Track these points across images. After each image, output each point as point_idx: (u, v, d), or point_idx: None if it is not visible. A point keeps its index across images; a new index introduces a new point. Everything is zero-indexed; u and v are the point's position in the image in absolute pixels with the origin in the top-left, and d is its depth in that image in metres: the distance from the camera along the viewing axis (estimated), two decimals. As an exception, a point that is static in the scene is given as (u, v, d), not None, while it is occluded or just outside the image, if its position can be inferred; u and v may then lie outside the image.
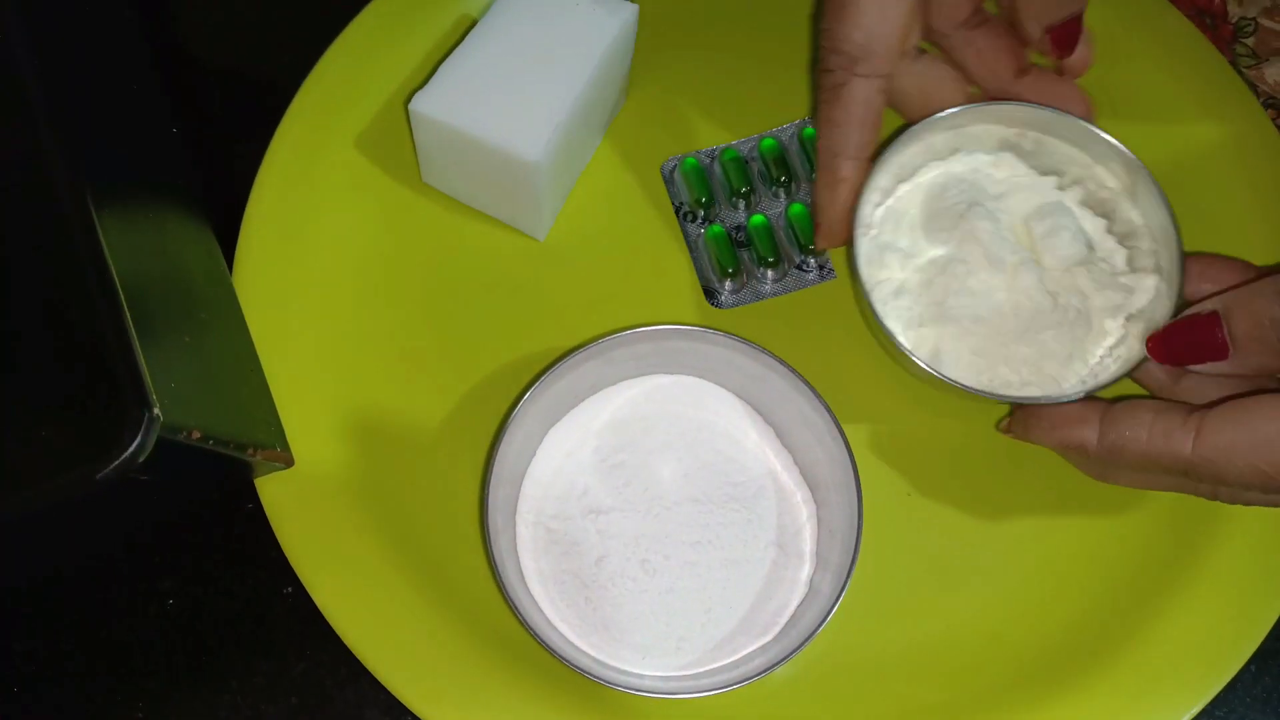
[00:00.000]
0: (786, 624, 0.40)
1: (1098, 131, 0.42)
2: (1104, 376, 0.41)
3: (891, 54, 0.41)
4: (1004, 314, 0.41)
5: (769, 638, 0.40)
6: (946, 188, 0.43)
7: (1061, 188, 0.44)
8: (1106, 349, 0.41)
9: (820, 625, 0.37)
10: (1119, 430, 0.38)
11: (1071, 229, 0.42)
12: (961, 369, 0.41)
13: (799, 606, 0.40)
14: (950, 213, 0.42)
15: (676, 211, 0.47)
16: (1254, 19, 0.46)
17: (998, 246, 0.41)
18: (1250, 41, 0.47)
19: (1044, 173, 0.44)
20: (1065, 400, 0.40)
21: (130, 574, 0.43)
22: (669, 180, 0.48)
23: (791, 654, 0.37)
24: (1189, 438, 0.37)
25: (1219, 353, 0.37)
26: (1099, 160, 0.43)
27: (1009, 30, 0.44)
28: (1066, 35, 0.42)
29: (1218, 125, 0.49)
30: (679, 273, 0.46)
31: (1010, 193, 0.43)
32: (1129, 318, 0.41)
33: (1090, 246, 0.42)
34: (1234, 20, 0.47)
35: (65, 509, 0.33)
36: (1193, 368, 0.39)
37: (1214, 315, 0.38)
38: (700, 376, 0.43)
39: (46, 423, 0.32)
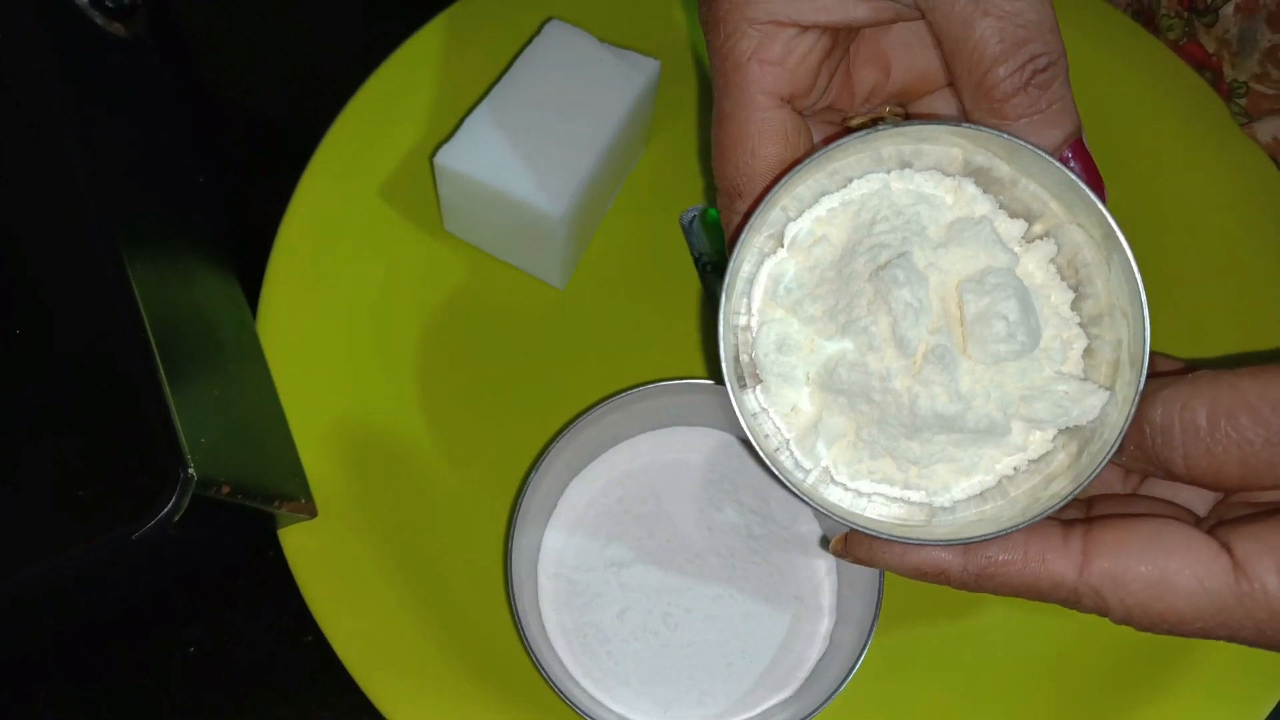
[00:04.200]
0: (807, 678, 0.40)
1: (1079, 184, 0.31)
2: (1016, 493, 0.33)
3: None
4: (901, 405, 0.32)
5: (789, 692, 0.40)
6: (876, 218, 0.33)
7: (1030, 238, 0.33)
8: (1025, 461, 0.33)
9: (845, 680, 0.37)
10: (987, 553, 0.32)
11: (1011, 317, 0.31)
12: (840, 449, 0.34)
13: (820, 661, 0.40)
14: (869, 258, 0.33)
15: (696, 262, 0.48)
16: (1245, 82, 0.48)
17: (909, 325, 0.32)
18: (1243, 102, 0.48)
19: (1014, 213, 0.33)
20: (936, 539, 0.32)
21: (152, 622, 0.44)
22: (688, 230, 0.48)
23: (818, 709, 0.37)
24: (1073, 561, 0.31)
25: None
26: (1075, 215, 0.33)
27: None
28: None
29: (1217, 169, 0.50)
30: (699, 321, 0.47)
31: (954, 241, 0.33)
32: (1062, 431, 0.33)
33: (1035, 335, 0.32)
34: (1229, 80, 0.48)
35: (96, 565, 0.34)
36: None
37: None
38: (722, 429, 0.43)
39: (82, 482, 0.32)
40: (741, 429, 0.33)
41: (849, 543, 0.35)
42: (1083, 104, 0.39)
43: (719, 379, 0.33)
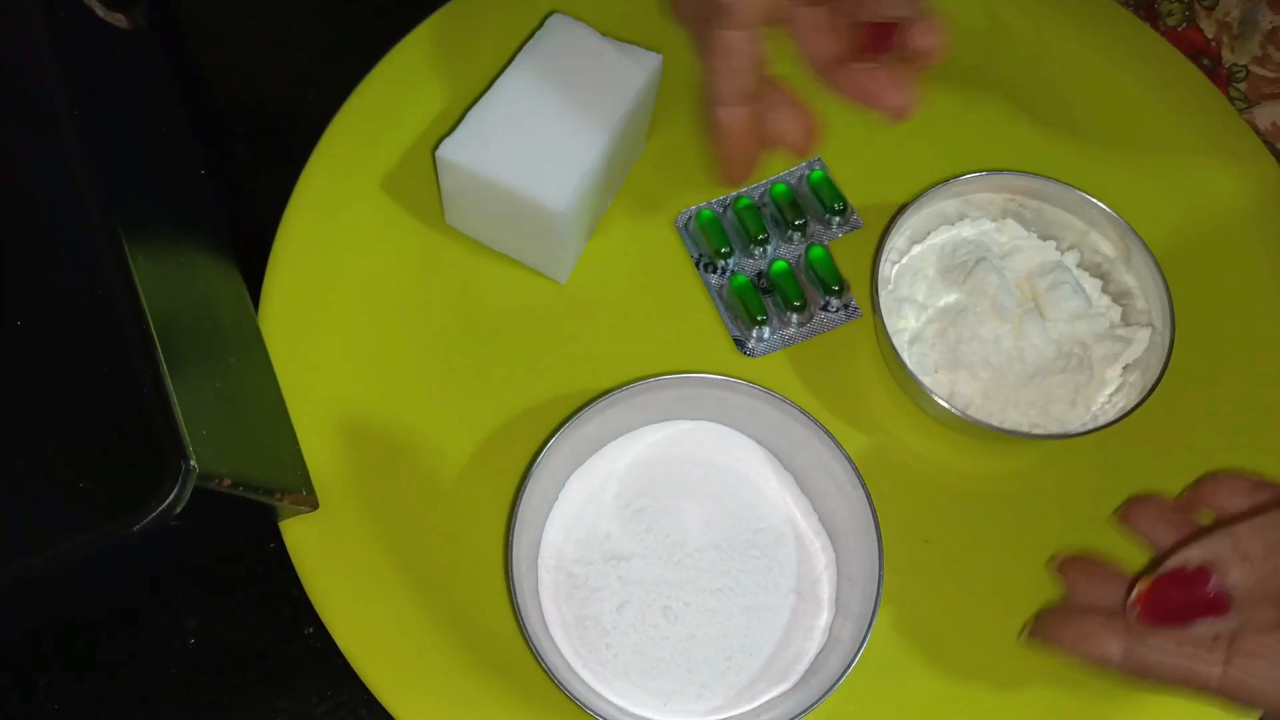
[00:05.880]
0: (806, 672, 0.40)
1: (1091, 199, 0.46)
2: (1103, 420, 0.44)
3: (762, 4, 0.41)
4: (1012, 360, 0.45)
5: (789, 685, 0.40)
6: (957, 247, 0.48)
7: (1061, 250, 0.48)
8: (1106, 396, 0.45)
9: (845, 673, 0.37)
10: (1145, 649, 0.37)
11: (1071, 283, 0.46)
12: (974, 412, 0.44)
13: (819, 654, 0.40)
14: (961, 268, 0.47)
15: (696, 263, 0.48)
16: (1245, 65, 0.48)
17: (1004, 298, 0.45)
18: (1242, 86, 0.49)
19: (1044, 237, 0.48)
20: (1070, 434, 0.43)
21: (153, 613, 0.44)
22: (684, 232, 0.48)
23: (817, 702, 0.37)
24: (1217, 664, 0.36)
25: (1217, 609, 0.35)
26: (1093, 226, 0.47)
27: (851, 16, 0.43)
28: (879, 36, 0.42)
29: (1224, 166, 0.50)
30: (700, 318, 0.47)
31: (1014, 253, 0.48)
32: (1126, 367, 0.45)
33: (1089, 301, 0.46)
34: (1228, 65, 0.49)
35: (97, 556, 0.34)
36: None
37: (1203, 570, 0.35)
38: (722, 423, 0.43)
39: (83, 473, 0.32)
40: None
41: (1037, 626, 0.41)
42: (1080, 95, 0.51)
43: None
